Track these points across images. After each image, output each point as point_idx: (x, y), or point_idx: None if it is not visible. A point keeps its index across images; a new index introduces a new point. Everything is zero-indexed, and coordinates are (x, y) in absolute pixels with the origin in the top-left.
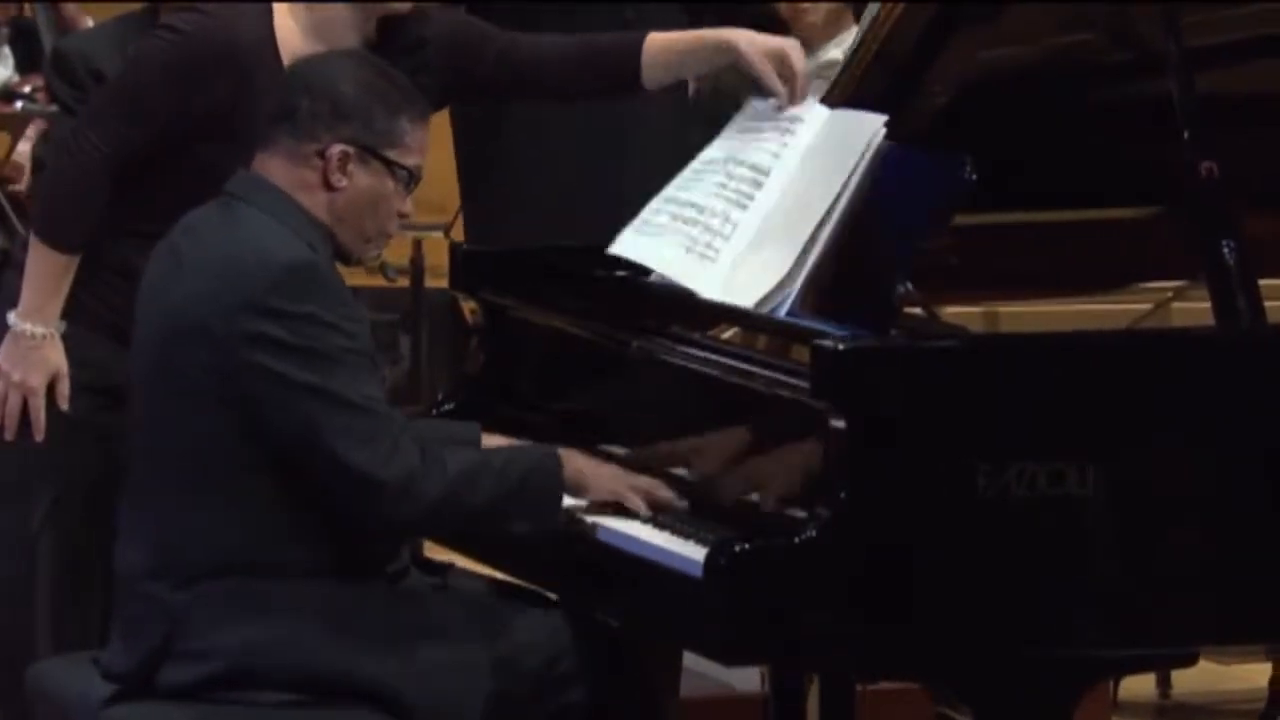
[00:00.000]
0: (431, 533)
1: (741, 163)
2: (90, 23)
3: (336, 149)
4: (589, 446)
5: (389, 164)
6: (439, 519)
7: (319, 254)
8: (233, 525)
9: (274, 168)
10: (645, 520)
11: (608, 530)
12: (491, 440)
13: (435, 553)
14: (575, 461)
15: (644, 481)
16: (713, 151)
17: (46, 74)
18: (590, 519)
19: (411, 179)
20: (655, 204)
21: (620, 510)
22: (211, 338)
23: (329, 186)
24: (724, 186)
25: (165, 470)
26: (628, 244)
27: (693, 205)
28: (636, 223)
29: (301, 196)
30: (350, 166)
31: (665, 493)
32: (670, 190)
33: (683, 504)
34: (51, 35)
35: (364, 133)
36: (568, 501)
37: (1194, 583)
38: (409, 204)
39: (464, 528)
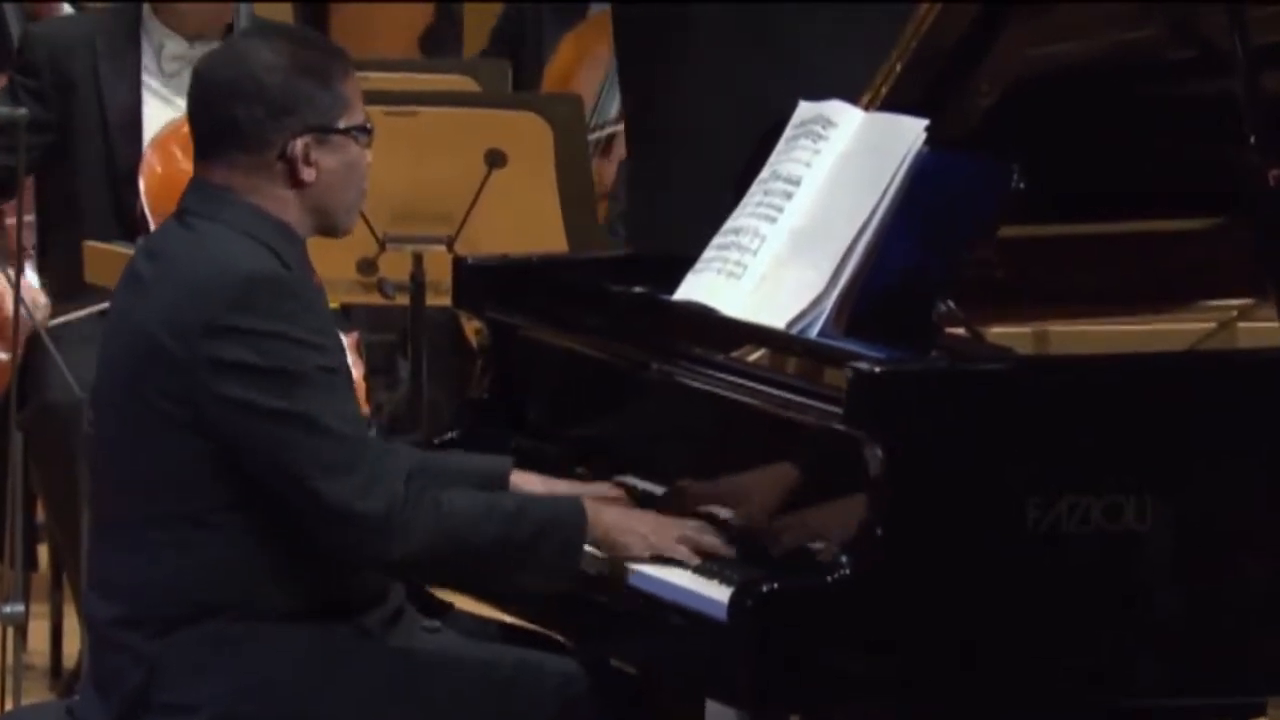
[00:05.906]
0: (426, 576)
1: (776, 175)
2: (68, 8)
3: (297, 144)
4: (609, 479)
5: (346, 132)
6: (433, 560)
7: (288, 261)
8: (208, 567)
9: (230, 179)
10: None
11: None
12: (524, 478)
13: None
14: (606, 517)
15: (689, 528)
16: (763, 171)
17: (12, 61)
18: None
19: (368, 133)
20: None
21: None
22: (175, 363)
23: (298, 184)
24: (759, 203)
25: (134, 510)
26: (682, 289)
27: (733, 230)
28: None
29: (266, 203)
30: (313, 155)
31: (711, 538)
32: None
33: (730, 551)
34: (22, 27)
35: (312, 115)
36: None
37: (1262, 626)
38: (369, 153)
39: (465, 574)
